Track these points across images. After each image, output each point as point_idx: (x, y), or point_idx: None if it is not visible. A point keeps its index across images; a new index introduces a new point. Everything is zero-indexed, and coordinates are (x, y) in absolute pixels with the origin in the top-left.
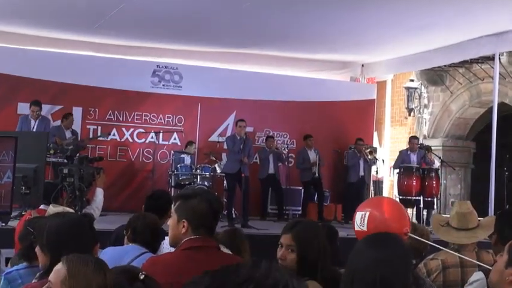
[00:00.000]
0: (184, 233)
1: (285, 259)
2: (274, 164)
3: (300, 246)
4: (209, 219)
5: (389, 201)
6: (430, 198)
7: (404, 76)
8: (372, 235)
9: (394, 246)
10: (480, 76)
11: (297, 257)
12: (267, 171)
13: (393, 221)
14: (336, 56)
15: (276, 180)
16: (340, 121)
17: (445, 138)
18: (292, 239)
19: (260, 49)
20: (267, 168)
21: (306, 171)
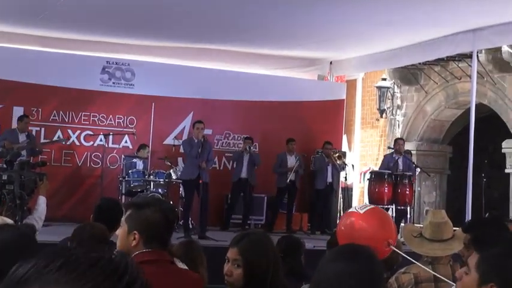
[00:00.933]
0: (135, 246)
1: (231, 275)
2: (248, 168)
3: (247, 262)
4: (163, 231)
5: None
6: (403, 207)
7: (375, 75)
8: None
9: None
10: (457, 75)
11: (243, 273)
12: (239, 174)
13: (386, 229)
14: (302, 53)
15: (248, 185)
16: (307, 123)
17: (420, 141)
18: (239, 253)
19: (220, 44)
20: (239, 171)
21: (282, 177)
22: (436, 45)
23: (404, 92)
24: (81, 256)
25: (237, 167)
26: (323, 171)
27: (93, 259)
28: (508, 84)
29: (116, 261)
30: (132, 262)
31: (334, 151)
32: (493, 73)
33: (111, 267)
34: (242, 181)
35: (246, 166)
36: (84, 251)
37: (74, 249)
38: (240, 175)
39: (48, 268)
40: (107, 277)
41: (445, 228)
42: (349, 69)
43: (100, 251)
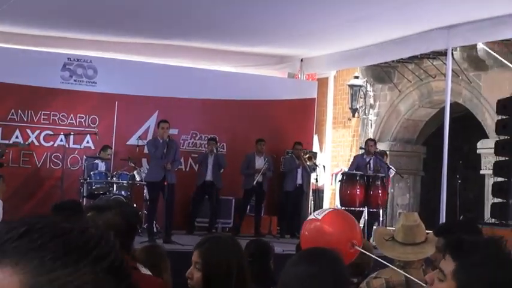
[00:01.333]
0: None
1: (192, 277)
2: (213, 170)
3: (206, 265)
4: (124, 235)
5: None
6: (375, 209)
7: (348, 73)
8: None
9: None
10: (431, 73)
11: (202, 276)
12: (204, 177)
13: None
14: (272, 50)
15: (213, 188)
16: (277, 122)
17: (393, 142)
18: (199, 256)
19: (187, 41)
20: (204, 174)
21: (248, 178)
22: (410, 42)
23: (377, 90)
24: (48, 225)
25: (202, 170)
26: (293, 172)
27: (61, 229)
28: (484, 82)
29: (88, 234)
30: (108, 237)
31: (305, 152)
32: (468, 71)
33: (81, 239)
34: (207, 184)
35: (211, 168)
36: (55, 220)
37: (44, 219)
38: (205, 178)
39: (7, 235)
40: (73, 249)
41: (417, 231)
42: (320, 67)
43: (74, 222)
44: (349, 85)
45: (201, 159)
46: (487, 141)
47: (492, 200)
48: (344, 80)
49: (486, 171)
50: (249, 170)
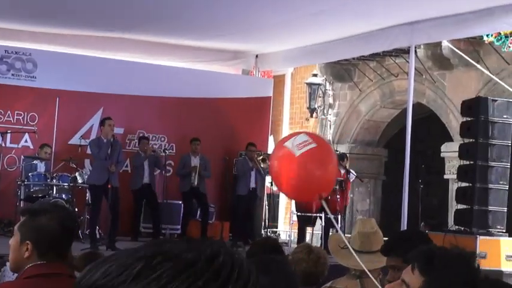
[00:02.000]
0: (27, 257)
1: None
2: (150, 172)
3: None
4: (60, 241)
5: None
6: (333, 216)
7: (306, 70)
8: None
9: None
10: (394, 72)
11: None
12: (141, 180)
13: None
14: (225, 45)
15: (152, 192)
16: (229, 122)
17: (353, 144)
18: None
19: (133, 33)
20: (141, 176)
21: (185, 180)
22: (372, 39)
23: (336, 89)
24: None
25: (138, 172)
26: (246, 175)
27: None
28: (448, 82)
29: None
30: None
31: (259, 153)
32: (432, 70)
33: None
34: (145, 187)
35: (148, 170)
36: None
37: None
38: (142, 181)
39: (120, 278)
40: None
41: (374, 239)
42: (276, 64)
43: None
44: (307, 83)
45: (137, 161)
46: (451, 144)
47: (456, 206)
48: (302, 78)
49: (450, 176)
50: (185, 170)
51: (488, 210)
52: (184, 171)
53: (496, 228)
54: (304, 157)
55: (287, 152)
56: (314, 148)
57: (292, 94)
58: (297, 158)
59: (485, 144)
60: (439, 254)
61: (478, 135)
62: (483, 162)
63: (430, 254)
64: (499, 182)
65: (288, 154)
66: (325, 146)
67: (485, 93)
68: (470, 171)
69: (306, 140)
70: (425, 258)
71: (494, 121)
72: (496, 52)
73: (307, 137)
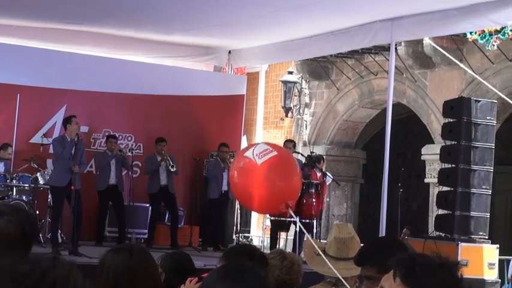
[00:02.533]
0: None
1: None
2: (116, 173)
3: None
4: (17, 245)
5: None
6: (308, 220)
7: (281, 67)
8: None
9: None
10: (373, 70)
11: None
12: (106, 181)
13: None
14: (196, 39)
15: (118, 193)
16: (200, 121)
17: (329, 145)
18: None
19: (99, 26)
20: (108, 177)
21: (154, 180)
22: (350, 35)
23: (313, 88)
24: None
25: (104, 173)
26: (218, 178)
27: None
28: (430, 81)
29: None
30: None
31: (231, 154)
32: (413, 69)
33: None
34: (111, 188)
35: (115, 171)
36: None
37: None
38: (108, 182)
39: None
40: None
41: (351, 244)
42: (250, 60)
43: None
44: (282, 81)
45: (103, 161)
46: (433, 146)
47: (437, 212)
48: (277, 76)
49: (431, 180)
50: (153, 167)
51: (470, 216)
52: (153, 167)
53: (478, 235)
54: (266, 167)
55: (248, 161)
56: (275, 156)
57: (266, 92)
58: (259, 166)
59: (467, 146)
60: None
61: (460, 137)
62: (465, 165)
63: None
64: (481, 186)
65: (249, 163)
66: (286, 154)
67: (468, 93)
68: (451, 175)
69: (266, 148)
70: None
71: (478, 123)
72: (479, 50)
73: (267, 146)
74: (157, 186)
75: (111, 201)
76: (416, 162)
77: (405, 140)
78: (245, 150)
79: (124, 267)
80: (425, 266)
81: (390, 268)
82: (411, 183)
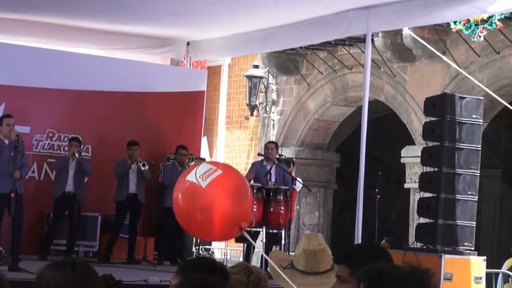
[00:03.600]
0: None
1: None
2: (74, 178)
3: None
4: None
5: None
6: (275, 230)
7: (246, 61)
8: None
9: None
10: (347, 63)
11: None
12: (62, 187)
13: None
14: (151, 29)
15: (74, 201)
16: (156, 121)
17: (300, 147)
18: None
19: (41, 15)
20: (64, 183)
21: (122, 187)
22: (322, 25)
23: (281, 83)
24: None
25: (61, 178)
26: (175, 183)
27: None
28: (410, 76)
29: None
30: None
31: (190, 158)
32: (391, 62)
33: None
34: (67, 196)
35: (73, 177)
36: None
37: None
38: (64, 188)
39: None
40: None
41: (322, 257)
42: (211, 53)
43: None
44: (247, 76)
45: (60, 165)
46: (413, 148)
47: (418, 220)
48: (241, 70)
49: (411, 185)
50: (122, 169)
51: (455, 224)
52: (122, 170)
53: (464, 246)
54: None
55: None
56: (221, 175)
57: (229, 88)
58: (204, 189)
59: (451, 148)
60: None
61: (443, 137)
62: (449, 169)
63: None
64: (467, 192)
65: (193, 188)
66: (232, 171)
67: (452, 89)
68: (434, 180)
69: (209, 168)
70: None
71: (463, 122)
72: (464, 42)
73: (211, 165)
74: (124, 193)
75: (68, 210)
76: (395, 166)
77: (383, 141)
78: (186, 174)
79: (66, 284)
80: (392, 277)
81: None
82: (390, 189)
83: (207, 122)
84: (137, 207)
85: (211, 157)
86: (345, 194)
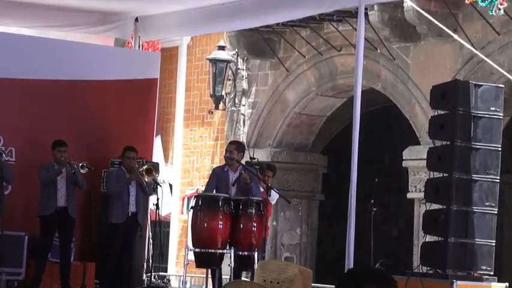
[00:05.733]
0: None
1: None
2: None
3: None
4: None
5: None
6: (246, 253)
7: (209, 41)
8: None
9: None
10: (335, 44)
11: None
12: None
13: None
14: (91, 2)
15: None
16: (97, 117)
17: (276, 148)
18: None
19: None
20: None
21: (47, 198)
22: None
23: (253, 69)
24: None
25: None
26: (122, 194)
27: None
28: (414, 59)
29: None
30: None
31: (141, 162)
32: (390, 42)
33: None
34: None
35: None
36: None
37: None
38: None
39: None
40: None
41: None
42: (165, 31)
43: None
44: (211, 60)
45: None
46: (418, 148)
47: (424, 238)
48: (203, 52)
49: (415, 194)
50: (48, 174)
51: (469, 243)
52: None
53: (481, 270)
54: None
55: None
56: None
57: (188, 75)
58: None
59: (465, 148)
60: None
61: (454, 135)
62: (462, 174)
63: None
64: (484, 203)
65: None
66: None
67: (465, 75)
68: (443, 188)
69: None
70: None
71: (479, 115)
72: (480, 17)
73: None
74: (52, 206)
75: None
76: (396, 171)
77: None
78: None
79: None
80: None
81: None
82: (389, 199)
83: (160, 118)
84: (68, 224)
85: (167, 162)
86: (334, 207)
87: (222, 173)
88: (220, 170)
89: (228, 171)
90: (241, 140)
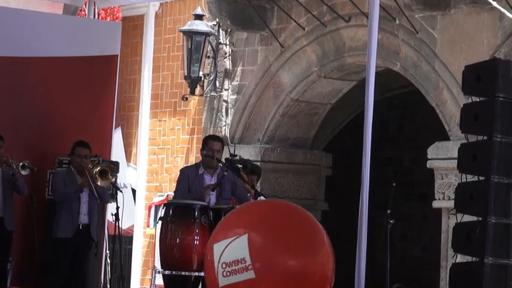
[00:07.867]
0: None
1: None
2: None
3: None
4: None
5: None
6: None
7: (183, 8)
8: None
9: None
10: (343, 13)
11: None
12: None
13: None
14: None
15: None
16: (40, 103)
17: (268, 144)
18: None
19: None
20: None
21: None
22: None
23: (239, 44)
24: None
25: None
26: (71, 201)
27: None
28: (441, 33)
29: None
30: None
31: (96, 161)
32: (412, 11)
33: None
34: None
35: None
36: None
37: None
38: None
39: None
40: None
41: None
42: None
43: None
44: (185, 32)
45: None
46: (447, 145)
47: (454, 258)
48: (175, 23)
49: (444, 203)
50: None
51: (511, 265)
52: None
53: None
54: None
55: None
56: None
57: (157, 52)
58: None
59: (506, 145)
60: None
61: (493, 128)
62: (503, 178)
63: None
64: None
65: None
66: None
67: (507, 52)
68: (479, 195)
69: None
70: None
71: None
72: None
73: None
74: None
75: None
76: (419, 173)
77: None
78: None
79: None
80: None
81: None
82: (410, 208)
83: (121, 106)
84: (4, 239)
85: (129, 160)
86: (340, 218)
87: (195, 176)
88: (192, 171)
89: (203, 174)
90: (223, 134)
